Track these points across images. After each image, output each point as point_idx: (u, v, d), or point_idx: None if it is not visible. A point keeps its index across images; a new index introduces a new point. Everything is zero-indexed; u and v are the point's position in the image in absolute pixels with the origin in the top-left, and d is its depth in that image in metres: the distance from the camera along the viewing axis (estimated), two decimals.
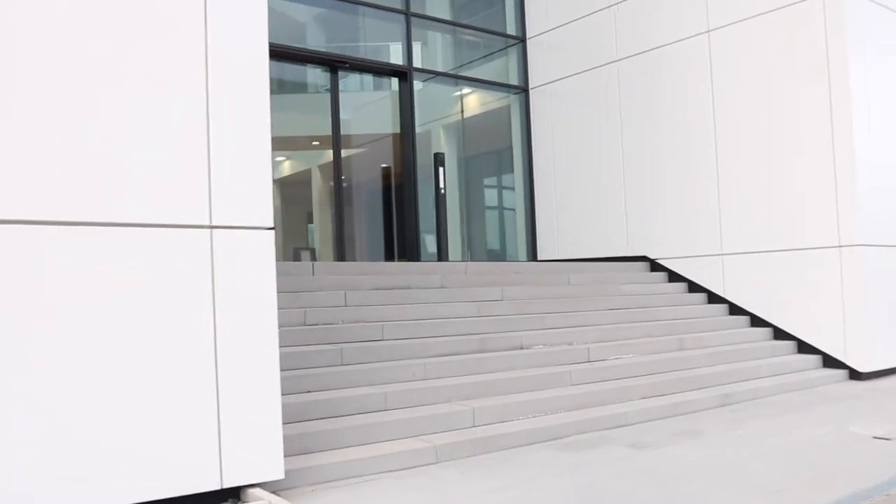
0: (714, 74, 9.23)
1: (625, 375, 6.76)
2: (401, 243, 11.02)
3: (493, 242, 12.45)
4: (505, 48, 12.16)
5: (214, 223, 3.89)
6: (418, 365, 5.88)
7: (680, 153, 9.63)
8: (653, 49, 10.00)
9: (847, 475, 4.39)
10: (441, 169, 10.53)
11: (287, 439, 4.51)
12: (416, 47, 11.44)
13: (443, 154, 10.67)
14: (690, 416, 6.17)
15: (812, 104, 8.21)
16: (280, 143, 11.61)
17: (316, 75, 10.97)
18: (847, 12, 8.02)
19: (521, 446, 5.17)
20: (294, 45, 10.17)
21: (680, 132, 9.64)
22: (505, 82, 12.03)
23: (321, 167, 13.32)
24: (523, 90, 11.98)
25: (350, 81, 11.44)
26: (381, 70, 11.00)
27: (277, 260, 10.69)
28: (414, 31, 11.12)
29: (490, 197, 12.78)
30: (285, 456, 4.43)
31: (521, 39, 12.04)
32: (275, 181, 11.91)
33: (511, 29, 12.13)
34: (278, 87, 11.07)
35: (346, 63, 10.48)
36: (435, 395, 5.55)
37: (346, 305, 6.80)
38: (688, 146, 9.53)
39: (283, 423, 4.75)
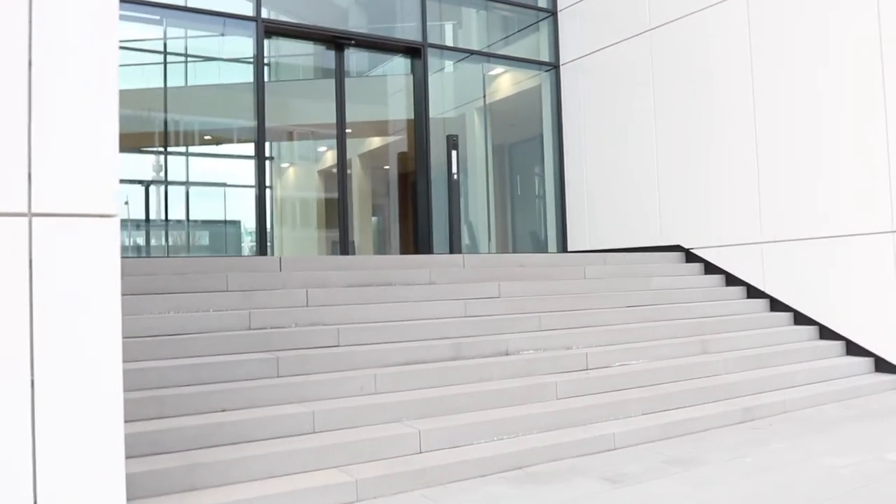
0: (752, 41, 8.07)
1: (626, 386, 5.77)
2: (414, 235, 10.22)
3: (521, 233, 11.53)
4: (536, 22, 11.18)
5: (35, 210, 3.14)
6: (368, 377, 5.06)
7: (716, 130, 8.52)
8: (687, 15, 8.90)
9: None
10: (454, 153, 9.65)
11: (170, 472, 3.80)
12: (438, 25, 10.61)
13: (456, 136, 9.77)
14: (696, 436, 5.17)
15: (863, 72, 7.01)
16: (314, 132, 11.00)
17: (355, 60, 10.26)
18: None
19: (470, 479, 4.29)
20: (294, 20, 9.47)
21: (716, 107, 8.52)
22: (535, 59, 11.03)
23: (361, 156, 12.67)
24: (554, 67, 10.97)
25: (370, 63, 10.73)
26: (392, 47, 10.17)
27: (321, 253, 10.11)
28: (433, 6, 10.25)
29: (519, 184, 11.86)
30: (161, 495, 3.71)
31: (552, 12, 11.04)
32: (318, 172, 11.32)
33: (542, 1, 11.13)
34: (322, 73, 10.41)
35: (351, 40, 9.70)
36: (380, 414, 4.72)
37: (306, 306, 6.03)
38: (724, 122, 8.41)
39: (177, 451, 4.06)
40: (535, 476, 4.33)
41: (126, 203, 9.39)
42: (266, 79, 9.00)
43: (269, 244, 9.35)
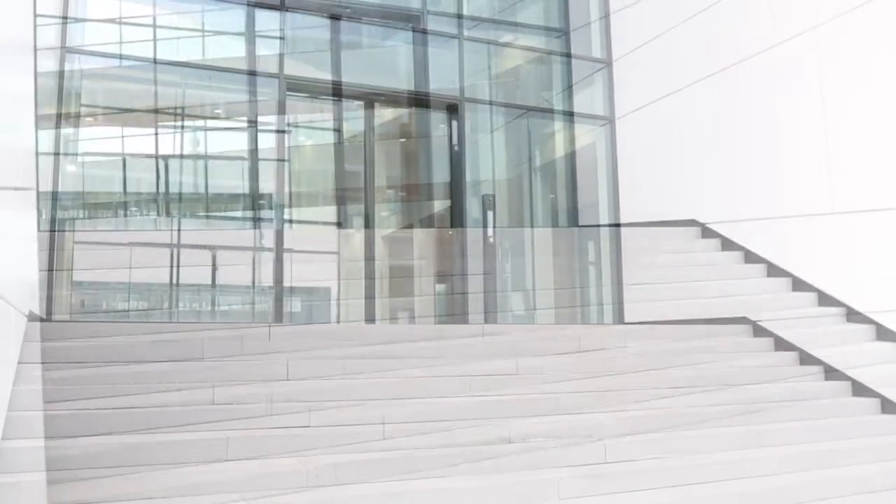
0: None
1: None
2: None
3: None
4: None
5: None
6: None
7: (739, 93, 7.83)
8: None
9: None
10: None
11: None
12: None
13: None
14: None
15: None
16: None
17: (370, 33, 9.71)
18: None
19: None
20: None
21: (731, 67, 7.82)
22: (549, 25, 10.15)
23: None
24: (564, 33, 10.03)
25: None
26: (390, 16, 9.49)
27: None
28: None
29: None
30: None
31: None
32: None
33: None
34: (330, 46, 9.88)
35: (347, 8, 9.15)
36: None
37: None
38: (745, 84, 7.73)
39: None
40: None
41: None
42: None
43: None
